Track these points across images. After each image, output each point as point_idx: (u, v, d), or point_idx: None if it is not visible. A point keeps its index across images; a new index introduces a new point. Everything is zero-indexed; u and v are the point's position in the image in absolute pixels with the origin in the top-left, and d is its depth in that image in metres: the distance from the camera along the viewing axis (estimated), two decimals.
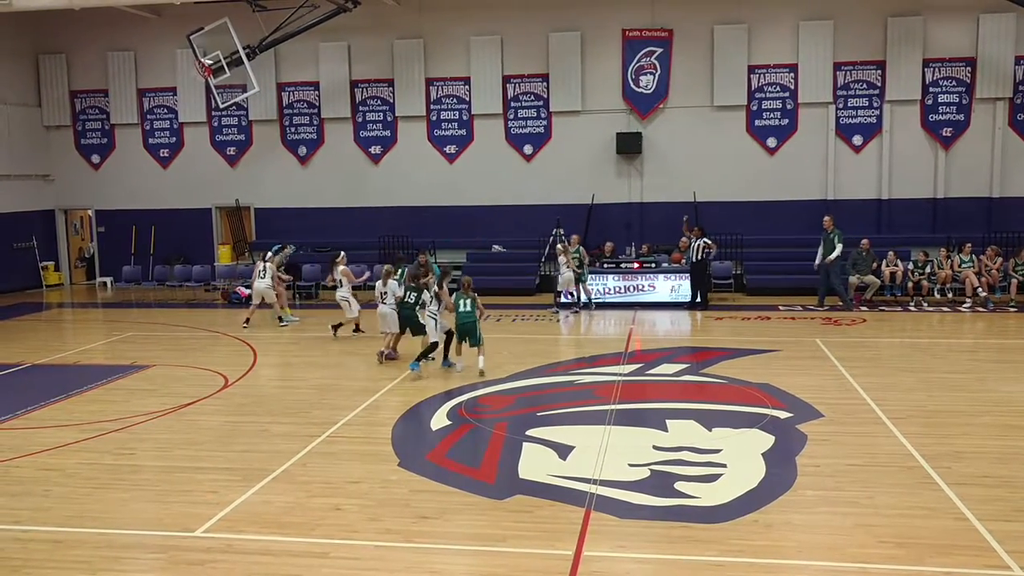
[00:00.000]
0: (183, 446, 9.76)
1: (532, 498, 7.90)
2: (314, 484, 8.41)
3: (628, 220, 21.95)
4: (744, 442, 9.49)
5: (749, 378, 12.28)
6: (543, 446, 9.39)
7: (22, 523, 7.60)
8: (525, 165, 22.45)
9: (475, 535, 7.19)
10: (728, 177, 21.57)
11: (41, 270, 24.07)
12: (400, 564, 6.67)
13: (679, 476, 8.36)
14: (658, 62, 21.56)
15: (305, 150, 23.36)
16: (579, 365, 13.54)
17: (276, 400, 11.75)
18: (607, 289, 19.13)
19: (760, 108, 21.51)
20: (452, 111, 22.61)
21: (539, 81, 22.14)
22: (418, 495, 8.06)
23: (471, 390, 11.92)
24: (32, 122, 24.13)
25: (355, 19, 21.00)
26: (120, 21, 22.86)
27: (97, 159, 24.48)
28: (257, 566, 6.67)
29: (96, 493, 8.33)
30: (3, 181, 23.00)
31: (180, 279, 22.51)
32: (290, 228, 23.17)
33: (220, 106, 21.98)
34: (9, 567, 6.74)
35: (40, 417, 11.06)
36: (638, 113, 21.81)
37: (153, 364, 14.04)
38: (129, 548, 7.11)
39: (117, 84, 23.93)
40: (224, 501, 7.97)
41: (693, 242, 18.54)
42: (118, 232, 24.32)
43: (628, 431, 10.00)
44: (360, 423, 10.51)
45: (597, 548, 6.88)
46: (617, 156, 21.87)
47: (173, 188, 23.94)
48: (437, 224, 22.40)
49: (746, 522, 7.29)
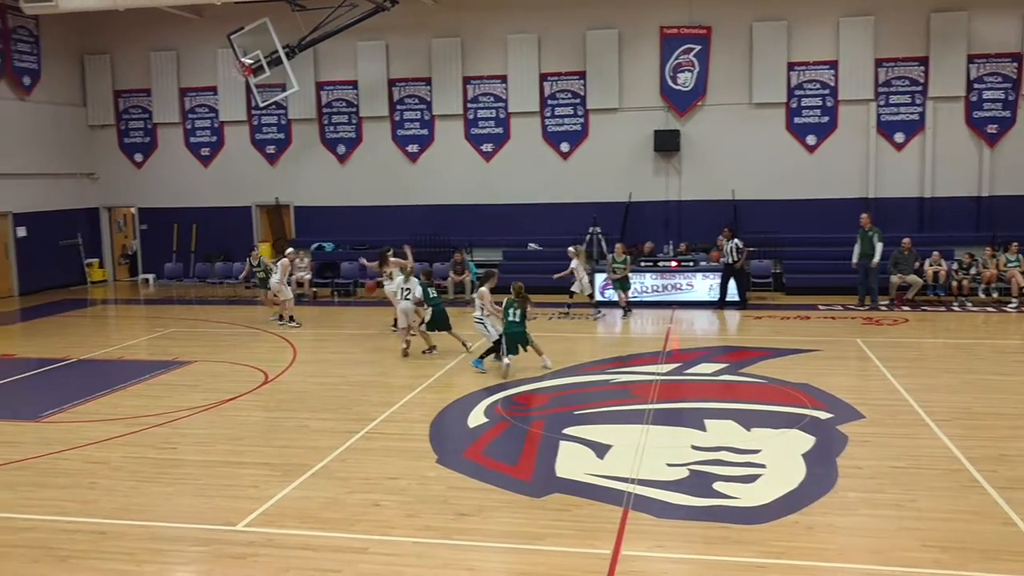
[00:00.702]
0: (224, 441, 9.90)
1: (570, 496, 7.90)
2: (353, 480, 8.48)
3: (666, 218, 21.82)
4: (784, 442, 9.40)
5: (789, 378, 12.17)
6: (580, 445, 9.38)
7: (68, 515, 7.75)
8: (562, 163, 22.41)
9: (513, 533, 7.20)
10: (767, 175, 21.36)
11: (86, 267, 24.52)
12: (438, 561, 6.70)
13: (718, 476, 8.31)
14: (696, 59, 21.41)
15: (344, 149, 23.53)
16: (616, 364, 13.50)
17: (315, 396, 11.87)
18: (645, 288, 19.05)
19: (800, 105, 21.27)
20: (489, 109, 22.64)
21: (576, 79, 22.09)
22: (456, 492, 8.10)
23: (507, 388, 11.94)
24: (78, 121, 24.58)
25: (393, 18, 21.11)
26: (162, 21, 23.20)
27: (140, 158, 24.87)
28: (297, 560, 6.75)
29: (140, 486, 8.48)
30: (50, 179, 23.45)
31: (221, 276, 22.81)
32: (328, 226, 23.39)
33: (260, 105, 22.22)
34: (56, 557, 6.88)
35: (86, 411, 11.27)
36: (676, 111, 21.67)
37: (195, 360, 14.24)
38: (172, 541, 7.22)
39: (159, 84, 24.29)
40: (264, 496, 8.07)
41: (726, 244, 18.35)
42: (160, 230, 24.69)
43: (666, 430, 9.96)
44: (398, 420, 10.57)
45: (635, 547, 6.86)
46: (655, 154, 21.75)
47: (214, 186, 24.24)
48: (473, 222, 22.45)
49: (786, 523, 7.23)
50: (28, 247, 22.68)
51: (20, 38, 22.39)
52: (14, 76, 22.24)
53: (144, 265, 24.93)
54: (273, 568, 6.62)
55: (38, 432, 10.41)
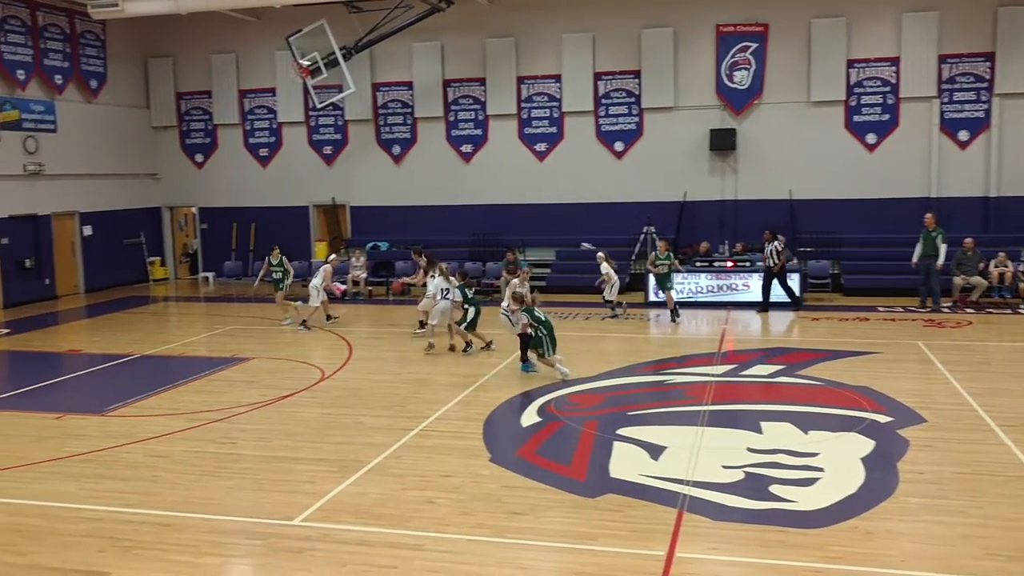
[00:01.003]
0: (282, 437, 10.06)
1: (624, 497, 7.87)
2: (408, 477, 8.56)
3: (721, 218, 21.58)
4: (842, 446, 9.24)
5: (847, 381, 11.95)
6: (634, 445, 9.33)
7: (132, 506, 7.95)
8: (616, 162, 22.31)
9: (566, 532, 7.20)
10: (825, 174, 21.00)
11: (148, 265, 25.11)
12: (492, 559, 6.73)
13: (774, 479, 8.20)
14: (753, 57, 21.14)
15: (399, 149, 23.74)
16: (670, 365, 13.40)
17: (371, 393, 12.00)
18: (700, 288, 18.87)
19: (859, 103, 20.86)
20: (543, 109, 22.64)
21: (631, 78, 21.98)
22: (510, 491, 8.12)
23: (561, 388, 11.93)
24: (141, 123, 25.19)
25: (448, 18, 21.25)
26: (223, 24, 23.66)
27: (201, 158, 25.40)
28: (354, 555, 6.83)
29: (201, 480, 8.66)
30: (115, 180, 24.07)
31: None
32: (383, 225, 23.62)
33: (317, 106, 22.54)
34: (121, 547, 7.07)
35: (148, 405, 11.55)
36: (732, 109, 21.43)
37: (253, 357, 14.50)
38: (232, 534, 7.37)
39: (220, 85, 24.77)
40: (321, 491, 8.18)
41: (766, 246, 18.00)
42: (220, 229, 25.19)
43: (721, 432, 9.86)
44: (452, 418, 10.64)
45: (690, 550, 6.81)
46: (710, 153, 21.54)
47: (272, 186, 24.64)
48: (526, 222, 22.47)
49: (845, 528, 7.10)
50: (94, 245, 23.31)
51: (88, 43, 23.03)
52: (82, 79, 22.89)
53: (204, 263, 25.45)
54: (330, 563, 6.71)
55: (103, 426, 10.70)
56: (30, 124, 21.33)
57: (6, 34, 20.54)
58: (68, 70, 22.42)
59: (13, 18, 20.76)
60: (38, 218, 21.66)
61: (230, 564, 6.93)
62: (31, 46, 21.25)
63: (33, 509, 7.95)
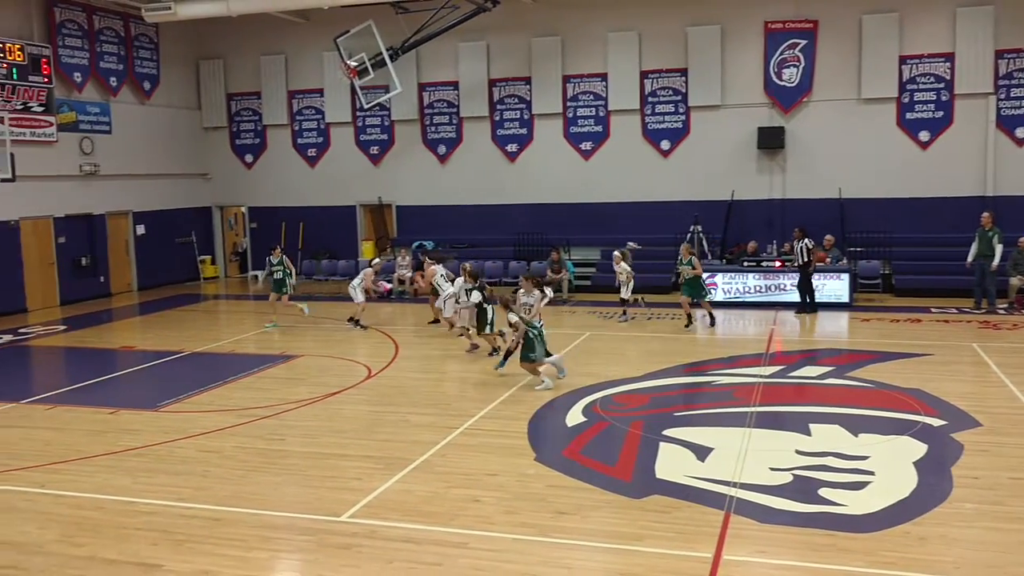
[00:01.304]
0: (329, 434, 10.17)
1: (670, 498, 7.82)
2: (453, 475, 8.60)
3: (769, 217, 21.33)
4: (894, 449, 9.08)
5: (899, 383, 11.74)
6: (681, 446, 9.27)
7: (185, 500, 8.11)
8: (662, 161, 22.18)
9: (612, 533, 7.18)
10: (876, 173, 20.64)
11: (199, 263, 25.56)
12: (536, 558, 6.73)
13: (823, 482, 8.09)
14: (802, 54, 20.86)
15: (444, 149, 23.85)
16: (717, 366, 13.28)
17: (416, 391, 12.08)
18: (747, 288, 18.67)
19: (912, 100, 20.47)
20: (588, 108, 22.59)
21: (677, 76, 21.82)
22: (555, 490, 8.12)
23: (606, 388, 11.89)
24: (193, 124, 25.65)
25: (493, 18, 21.29)
26: (272, 26, 23.98)
27: (250, 158, 25.77)
28: (400, 552, 6.88)
29: (250, 476, 8.80)
30: (167, 179, 24.54)
31: (326, 273, 23.45)
32: (429, 225, 23.76)
33: (364, 106, 22.74)
34: (174, 541, 7.21)
35: (199, 402, 11.76)
36: (780, 107, 21.17)
37: (301, 354, 14.68)
38: (280, 529, 7.47)
39: (269, 86, 25.11)
40: (368, 488, 8.26)
41: (796, 244, 17.67)
42: (269, 228, 25.52)
43: (769, 434, 9.75)
44: (497, 417, 10.66)
45: (737, 552, 6.75)
46: (758, 151, 21.30)
47: (320, 186, 24.92)
48: (571, 221, 22.44)
49: (897, 533, 6.98)
50: (146, 244, 23.79)
51: (142, 45, 23.51)
52: (136, 81, 23.37)
53: (253, 262, 25.82)
54: (377, 560, 6.78)
55: (156, 421, 10.92)
56: (86, 126, 21.86)
57: (63, 38, 21.06)
58: (123, 72, 22.91)
59: (70, 22, 21.28)
60: (93, 217, 22.18)
61: (279, 559, 7.03)
62: (87, 49, 21.76)
63: (90, 502, 8.15)
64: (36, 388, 13.13)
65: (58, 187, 20.98)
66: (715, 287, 18.76)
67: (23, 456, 9.60)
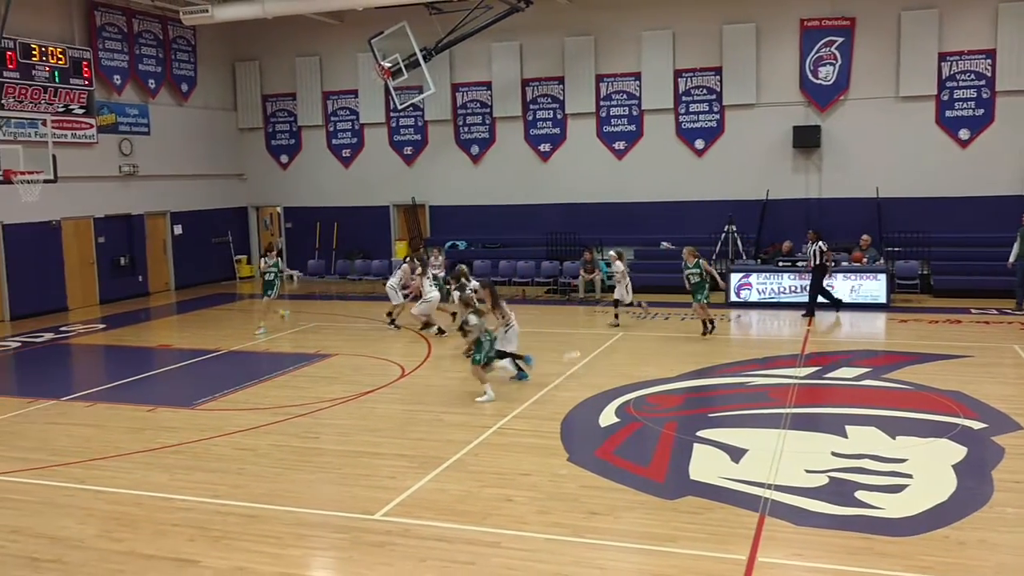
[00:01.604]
0: (363, 432, 10.24)
1: (703, 500, 7.77)
2: (486, 474, 8.62)
3: (805, 217, 21.08)
4: (932, 452, 8.95)
5: (937, 385, 11.57)
6: (715, 447, 9.21)
7: (221, 497, 8.20)
8: (696, 160, 22.03)
9: (645, 534, 7.15)
10: (914, 171, 20.34)
11: (235, 263, 25.83)
12: (569, 558, 6.73)
13: (860, 485, 7.99)
14: (838, 52, 20.61)
15: (477, 149, 23.89)
16: (752, 367, 13.17)
17: (449, 391, 12.11)
18: (782, 288, 18.49)
19: (951, 98, 20.14)
20: (622, 107, 22.50)
21: (711, 74, 21.67)
22: (587, 491, 8.10)
23: (639, 388, 11.84)
24: (229, 125, 25.94)
25: (527, 18, 21.29)
26: (307, 28, 24.17)
27: (285, 159, 26.01)
28: (433, 551, 6.91)
29: (285, 473, 8.88)
30: (204, 180, 24.84)
31: (360, 273, 23.60)
32: (462, 225, 23.82)
33: (398, 107, 22.85)
34: (210, 538, 7.30)
35: (235, 400, 11.89)
36: (816, 106, 20.94)
37: (335, 353, 14.78)
38: (315, 527, 7.53)
39: (304, 88, 25.31)
40: (401, 487, 8.30)
41: (809, 246, 17.38)
42: (303, 228, 25.74)
43: (805, 436, 9.66)
44: (530, 416, 10.67)
45: (772, 554, 6.69)
46: (794, 150, 21.09)
47: (354, 186, 25.07)
48: (605, 220, 22.36)
49: (936, 537, 6.88)
50: (183, 244, 24.10)
51: (179, 47, 23.82)
52: (174, 83, 23.68)
53: (288, 262, 26.03)
54: (410, 558, 6.81)
55: (193, 419, 11.07)
56: (125, 127, 22.20)
57: (104, 41, 21.40)
58: (161, 74, 23.24)
59: (111, 25, 21.62)
60: (132, 217, 22.51)
61: (314, 556, 7.10)
62: (127, 52, 22.10)
63: (129, 498, 8.28)
64: (76, 385, 13.38)
65: (98, 188, 21.33)
66: (750, 287, 18.62)
67: (64, 452, 9.77)
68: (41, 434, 10.56)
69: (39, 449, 9.93)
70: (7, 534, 7.50)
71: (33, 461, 9.47)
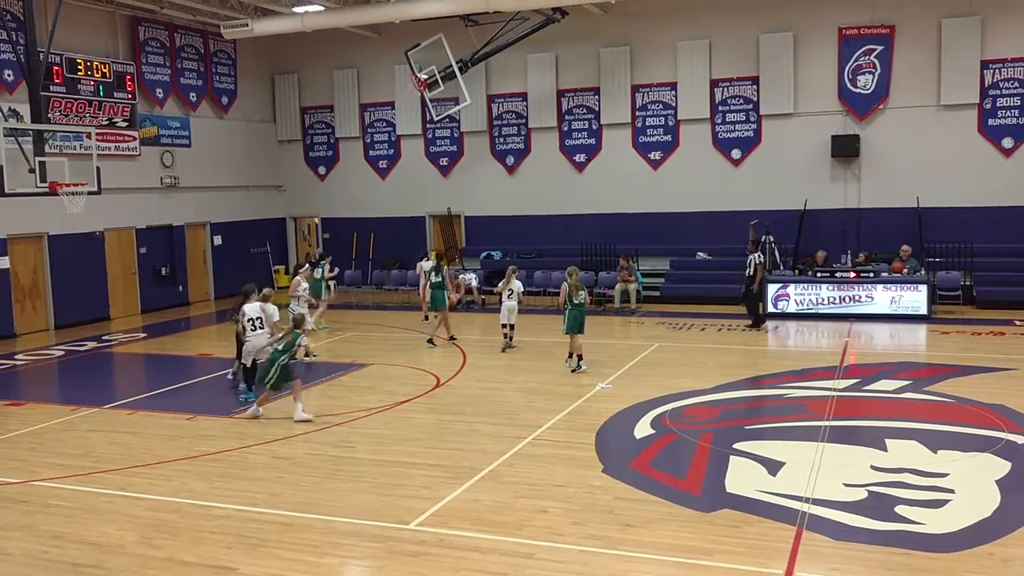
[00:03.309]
0: (398, 442, 10.28)
1: (740, 513, 7.70)
2: (520, 485, 8.61)
3: (844, 227, 20.85)
4: (975, 467, 8.79)
5: (980, 398, 11.35)
6: (751, 460, 9.12)
7: (258, 505, 8.28)
8: (732, 170, 21.89)
9: (680, 547, 7.09)
10: (956, 181, 20.02)
11: (273, 273, 26.12)
12: (604, 571, 6.69)
13: (900, 499, 7.87)
14: (878, 60, 20.39)
15: (513, 159, 23.96)
16: (789, 379, 13.02)
17: (484, 401, 12.13)
18: (821, 299, 18.28)
19: (994, 106, 19.82)
20: (658, 117, 22.44)
21: (748, 84, 21.54)
22: (622, 502, 8.06)
23: (676, 400, 11.76)
24: (268, 137, 26.29)
25: (562, 29, 21.34)
26: (345, 41, 24.44)
27: (323, 170, 26.27)
28: (467, 561, 6.91)
29: (321, 482, 8.94)
30: (243, 191, 25.18)
31: (396, 283, 23.72)
32: (497, 235, 23.86)
33: (434, 119, 23.02)
34: (247, 545, 7.37)
35: (272, 409, 11.95)
36: (855, 114, 20.72)
37: (371, 363, 14.87)
38: (351, 536, 7.57)
39: (342, 100, 25.58)
40: (436, 496, 8.32)
41: (748, 256, 17.14)
42: (341, 238, 25.96)
43: (843, 449, 9.53)
44: (564, 427, 10.64)
45: (810, 569, 6.60)
46: (832, 159, 20.88)
47: (390, 197, 25.25)
48: (640, 231, 22.28)
49: (979, 554, 6.75)
50: (223, 254, 24.43)
51: (220, 61, 24.21)
52: (215, 96, 24.06)
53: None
54: (444, 568, 6.82)
55: (231, 427, 11.20)
56: (167, 140, 22.59)
57: (147, 55, 21.82)
58: (202, 88, 23.62)
59: (154, 40, 22.04)
60: (173, 228, 22.87)
61: (349, 565, 7.13)
62: (169, 66, 22.50)
63: (168, 505, 8.39)
64: (118, 393, 13.60)
65: (140, 199, 21.72)
66: (787, 298, 18.43)
67: (105, 459, 9.94)
68: (84, 441, 10.74)
69: (82, 456, 10.11)
70: (50, 539, 7.63)
71: (76, 468, 9.65)
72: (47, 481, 9.22)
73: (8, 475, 9.47)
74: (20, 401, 12.99)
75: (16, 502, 8.62)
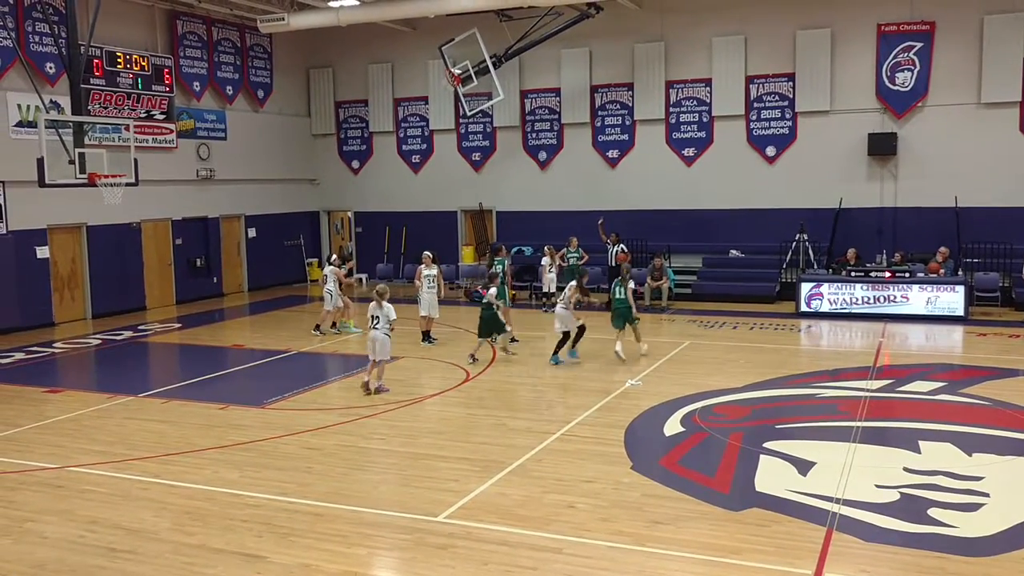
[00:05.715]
0: (427, 435, 10.33)
1: (769, 512, 7.65)
2: (548, 480, 8.62)
3: (879, 226, 20.59)
4: (1011, 470, 8.66)
5: (1017, 401, 11.18)
6: (782, 460, 9.06)
7: (288, 495, 8.37)
8: (767, 168, 21.70)
9: (709, 545, 7.06)
10: (996, 180, 19.67)
11: (306, 266, 26.33)
12: (632, 567, 6.68)
13: (933, 502, 7.77)
14: (917, 57, 20.09)
15: (545, 155, 23.93)
16: (822, 378, 12.90)
17: (513, 396, 12.15)
18: (854, 299, 18.08)
19: None
20: (692, 113, 22.29)
21: (784, 80, 21.32)
22: (651, 499, 8.04)
23: (706, 398, 11.70)
24: (302, 131, 26.49)
25: (596, 24, 21.27)
26: (379, 35, 24.55)
27: (357, 164, 26.43)
28: (495, 555, 6.94)
29: (351, 473, 9.02)
30: (277, 184, 25.40)
31: None
32: (528, 230, 23.85)
33: (467, 114, 23.06)
34: (278, 533, 7.46)
35: (304, 400, 12.12)
36: (893, 112, 20.44)
37: (401, 356, 14.93)
38: (380, 527, 7.63)
39: (376, 94, 25.70)
40: (464, 490, 8.36)
41: (610, 248, 17.04)
42: (373, 232, 26.12)
43: (875, 450, 9.42)
44: (593, 423, 10.63)
45: (839, 570, 6.54)
46: (868, 158, 20.62)
47: (423, 192, 25.35)
48: (673, 228, 22.16)
49: (1014, 559, 6.65)
50: (257, 247, 24.67)
51: (256, 55, 24.42)
52: (251, 90, 24.29)
53: (358, 265, 26.40)
54: (472, 561, 6.85)
55: (262, 417, 11.32)
56: (203, 132, 22.85)
57: (184, 49, 22.07)
58: (238, 81, 23.85)
59: (191, 34, 22.29)
60: (208, 220, 23.13)
61: (377, 555, 7.19)
62: (206, 60, 22.75)
63: (201, 493, 8.51)
64: (152, 383, 13.79)
65: (176, 191, 21.99)
66: (820, 297, 18.25)
67: (140, 447, 10.09)
68: (119, 429, 10.92)
69: (117, 443, 10.27)
70: (87, 524, 7.77)
71: (112, 455, 9.81)
72: (83, 467, 9.38)
73: (46, 460, 9.66)
74: (58, 388, 13.23)
75: (53, 487, 8.79)
